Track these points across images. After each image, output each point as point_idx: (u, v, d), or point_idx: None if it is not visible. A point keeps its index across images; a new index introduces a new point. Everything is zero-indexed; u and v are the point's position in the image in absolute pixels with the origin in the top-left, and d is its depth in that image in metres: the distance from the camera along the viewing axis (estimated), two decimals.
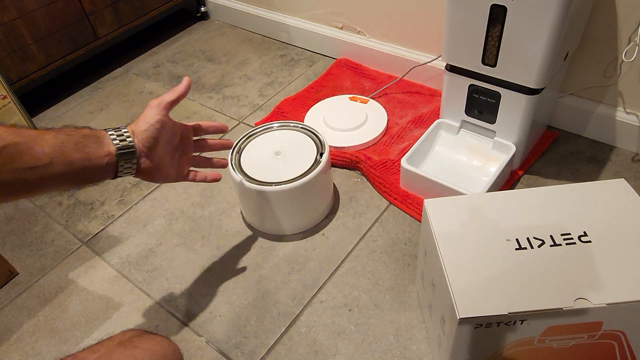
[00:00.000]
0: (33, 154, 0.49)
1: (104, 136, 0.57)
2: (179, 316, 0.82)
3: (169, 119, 0.64)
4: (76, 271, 0.92)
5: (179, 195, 1.04)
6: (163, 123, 0.62)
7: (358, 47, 1.29)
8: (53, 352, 0.80)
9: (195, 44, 1.53)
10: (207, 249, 0.93)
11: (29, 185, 0.50)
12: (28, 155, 0.49)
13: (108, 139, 0.57)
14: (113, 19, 1.37)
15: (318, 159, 0.88)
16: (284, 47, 1.46)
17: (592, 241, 0.58)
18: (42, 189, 0.53)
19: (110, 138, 0.57)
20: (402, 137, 1.08)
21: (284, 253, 0.90)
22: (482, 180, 0.93)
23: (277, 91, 1.29)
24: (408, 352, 0.74)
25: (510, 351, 0.59)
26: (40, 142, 0.50)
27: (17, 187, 0.50)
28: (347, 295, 0.82)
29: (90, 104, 1.34)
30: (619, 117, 0.97)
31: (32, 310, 0.86)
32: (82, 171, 0.54)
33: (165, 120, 0.63)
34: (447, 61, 0.89)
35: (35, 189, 0.52)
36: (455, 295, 0.55)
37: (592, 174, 0.97)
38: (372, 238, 0.91)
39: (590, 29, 0.92)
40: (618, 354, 0.60)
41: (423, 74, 1.19)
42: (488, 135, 0.96)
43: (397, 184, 0.97)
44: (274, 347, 0.77)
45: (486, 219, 0.63)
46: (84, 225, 1.01)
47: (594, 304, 0.52)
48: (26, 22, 1.18)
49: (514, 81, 0.83)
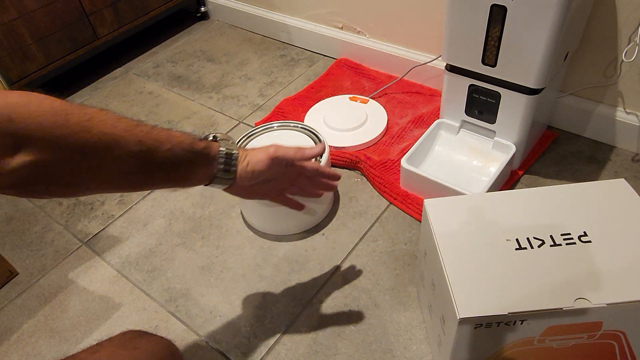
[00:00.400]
0: (162, 155, 0.50)
1: (214, 157, 0.56)
2: (179, 316, 0.82)
3: (288, 168, 0.62)
4: (76, 271, 0.92)
5: (179, 195, 1.04)
6: (270, 174, 0.60)
7: (358, 47, 1.29)
8: (53, 352, 0.80)
9: (195, 44, 1.53)
10: (207, 249, 0.93)
11: (139, 185, 0.51)
12: (160, 155, 0.49)
13: (215, 161, 0.56)
14: (113, 19, 1.37)
15: (318, 159, 0.88)
16: (284, 47, 1.46)
17: (592, 241, 0.58)
18: (144, 188, 0.53)
19: (219, 159, 0.56)
20: (402, 137, 1.08)
21: (284, 253, 0.90)
22: (482, 180, 0.93)
23: (277, 91, 1.29)
24: (408, 352, 0.74)
25: (510, 351, 0.59)
26: (159, 154, 0.50)
27: (130, 186, 0.50)
28: (347, 295, 0.82)
29: (90, 104, 1.34)
30: (619, 117, 0.97)
31: (32, 310, 0.86)
32: (183, 181, 0.54)
33: (273, 172, 0.60)
34: (447, 61, 0.89)
35: (140, 187, 0.52)
36: (455, 295, 0.55)
37: (592, 174, 0.97)
38: (372, 238, 0.91)
39: (590, 29, 0.92)
40: (618, 354, 0.60)
41: (423, 74, 1.19)
42: (488, 135, 0.96)
43: (397, 184, 0.97)
44: (274, 347, 0.77)
45: (486, 219, 0.63)
46: (84, 225, 1.01)
47: (594, 304, 0.52)
48: (26, 22, 1.18)
49: (514, 81, 0.83)
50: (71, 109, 0.43)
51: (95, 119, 0.44)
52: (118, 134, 0.46)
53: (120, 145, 0.46)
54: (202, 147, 0.55)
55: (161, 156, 0.50)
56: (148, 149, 0.49)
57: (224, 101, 1.28)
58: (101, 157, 0.45)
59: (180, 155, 0.52)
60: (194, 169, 0.55)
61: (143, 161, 0.49)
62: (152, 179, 0.51)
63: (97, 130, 0.44)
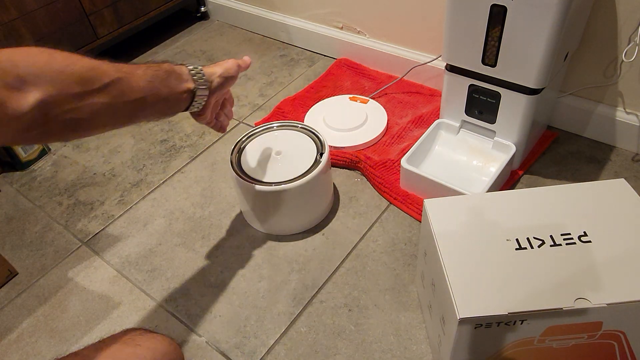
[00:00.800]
0: (132, 89, 0.54)
1: (184, 72, 0.62)
2: (179, 316, 0.82)
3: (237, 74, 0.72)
4: (76, 271, 0.92)
5: (179, 195, 1.04)
6: (234, 76, 0.70)
7: (358, 47, 1.29)
8: (53, 352, 0.80)
9: (195, 44, 1.53)
10: (207, 249, 0.93)
11: (132, 112, 0.56)
12: (129, 89, 0.54)
13: (187, 75, 0.62)
14: (113, 19, 1.37)
15: (318, 159, 0.88)
16: (284, 47, 1.46)
17: (592, 241, 0.58)
18: (139, 117, 0.58)
19: (191, 74, 0.63)
20: (402, 137, 1.08)
21: (284, 253, 0.90)
22: (482, 180, 0.93)
23: (277, 91, 1.29)
24: (408, 352, 0.74)
25: (510, 351, 0.59)
26: (135, 78, 0.55)
27: (125, 114, 0.55)
28: (347, 295, 0.82)
29: None
30: (619, 117, 0.97)
31: (32, 310, 0.86)
32: (167, 103, 0.60)
33: (236, 75, 0.71)
34: (447, 61, 0.90)
35: (135, 116, 0.57)
36: (455, 295, 0.55)
37: (592, 174, 0.97)
38: (372, 238, 0.91)
39: (590, 29, 0.92)
40: (618, 354, 0.60)
41: (423, 74, 1.19)
42: (488, 135, 0.96)
43: (397, 184, 0.97)
44: (274, 347, 0.77)
45: (486, 219, 0.63)
46: (84, 225, 1.01)
47: (594, 304, 0.52)
48: (26, 22, 1.18)
49: (514, 81, 0.83)
50: (60, 51, 0.49)
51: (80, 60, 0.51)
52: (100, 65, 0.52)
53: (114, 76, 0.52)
54: (177, 66, 0.63)
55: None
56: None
57: None
58: (99, 89, 0.50)
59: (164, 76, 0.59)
60: (178, 85, 0.61)
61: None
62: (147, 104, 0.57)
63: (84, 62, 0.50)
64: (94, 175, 1.12)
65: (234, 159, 0.90)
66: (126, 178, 1.10)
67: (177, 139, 1.18)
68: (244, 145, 0.93)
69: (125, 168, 1.13)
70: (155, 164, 1.13)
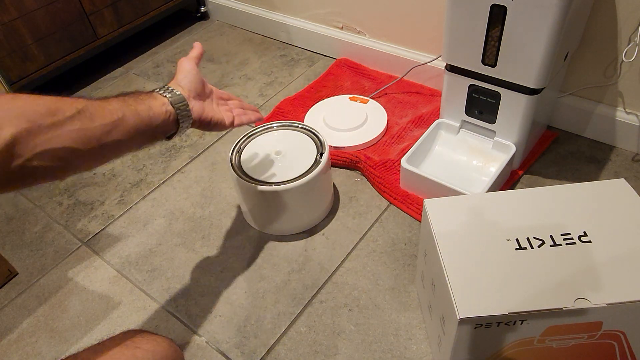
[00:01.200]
0: (106, 112, 0.53)
1: (154, 93, 0.61)
2: (179, 316, 0.82)
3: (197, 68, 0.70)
4: (76, 271, 0.92)
5: (179, 195, 1.04)
6: (197, 71, 0.68)
7: (358, 47, 1.29)
8: (53, 352, 0.80)
9: None
10: (207, 249, 0.93)
11: (115, 141, 0.54)
12: (102, 113, 0.52)
13: (158, 94, 0.61)
14: (113, 19, 1.37)
15: (318, 159, 0.88)
16: (284, 47, 1.46)
17: (592, 241, 0.58)
18: (121, 144, 0.55)
19: (159, 93, 0.62)
20: (402, 137, 1.08)
21: (284, 253, 0.90)
22: (482, 180, 0.93)
23: (277, 91, 1.29)
24: (408, 352, 0.74)
25: (510, 351, 0.59)
26: (105, 103, 0.54)
27: (106, 144, 0.53)
28: (347, 295, 0.82)
29: None
30: (619, 117, 0.97)
31: (32, 310, 0.86)
32: (150, 122, 0.58)
33: (197, 69, 0.68)
34: (447, 61, 0.89)
35: (118, 146, 0.55)
36: (455, 295, 0.55)
37: (592, 174, 0.97)
38: (372, 238, 0.91)
39: (590, 29, 0.92)
40: (618, 354, 0.60)
41: (423, 74, 1.19)
42: (488, 135, 0.96)
43: (397, 184, 0.97)
44: (274, 347, 0.77)
45: (486, 219, 0.63)
46: (84, 225, 1.01)
47: (594, 304, 0.52)
48: (26, 22, 1.18)
49: (514, 81, 0.83)
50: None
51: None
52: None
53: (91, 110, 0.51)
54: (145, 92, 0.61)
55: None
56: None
57: None
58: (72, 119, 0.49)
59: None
60: (154, 101, 0.59)
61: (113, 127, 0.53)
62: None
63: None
64: (94, 175, 1.12)
65: (234, 159, 0.90)
66: (126, 178, 1.10)
67: (177, 139, 1.18)
68: (244, 145, 0.93)
69: (125, 168, 1.13)
70: (155, 164, 1.13)
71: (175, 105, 0.61)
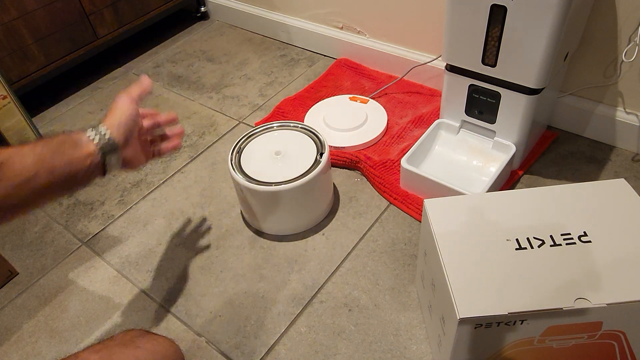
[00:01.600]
0: (15, 170, 0.50)
1: (80, 139, 0.57)
2: (179, 316, 0.82)
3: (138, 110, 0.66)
4: (76, 271, 0.92)
5: (179, 195, 1.04)
6: (136, 114, 0.63)
7: (358, 47, 1.29)
8: (53, 352, 0.80)
9: (195, 44, 1.53)
10: (207, 249, 0.93)
11: (22, 200, 0.51)
12: (11, 172, 0.49)
13: (86, 140, 0.57)
14: (113, 19, 1.37)
15: (318, 159, 0.88)
16: (284, 47, 1.46)
17: (592, 241, 0.58)
18: (36, 202, 0.53)
19: (90, 138, 0.57)
20: (402, 137, 1.08)
21: (284, 253, 0.90)
22: (482, 180, 0.93)
23: (277, 91, 1.29)
24: (408, 352, 0.74)
25: (510, 351, 0.59)
26: (19, 158, 0.51)
27: (12, 203, 0.51)
28: (347, 295, 0.82)
29: (90, 104, 1.34)
30: (619, 117, 0.97)
31: (32, 310, 0.86)
32: (68, 177, 0.54)
33: (137, 112, 0.64)
34: (447, 61, 0.89)
35: (29, 203, 0.53)
36: (455, 295, 0.55)
37: (592, 174, 0.97)
38: (372, 238, 0.91)
39: (590, 29, 0.92)
40: (618, 354, 0.60)
41: (423, 74, 1.19)
42: (488, 135, 0.96)
43: (397, 184, 0.97)
44: (274, 347, 0.77)
45: (486, 219, 0.63)
46: (84, 225, 1.01)
47: (594, 304, 0.52)
48: (26, 22, 1.18)
49: (514, 81, 0.83)
50: None
51: None
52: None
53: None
54: (74, 133, 0.57)
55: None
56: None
57: (224, 101, 1.28)
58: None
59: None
60: (76, 152, 0.56)
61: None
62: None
63: None
64: None
65: (234, 159, 0.90)
66: (126, 178, 1.10)
67: None
68: (244, 145, 0.93)
69: None
70: (155, 163, 1.13)
71: (106, 153, 0.58)
